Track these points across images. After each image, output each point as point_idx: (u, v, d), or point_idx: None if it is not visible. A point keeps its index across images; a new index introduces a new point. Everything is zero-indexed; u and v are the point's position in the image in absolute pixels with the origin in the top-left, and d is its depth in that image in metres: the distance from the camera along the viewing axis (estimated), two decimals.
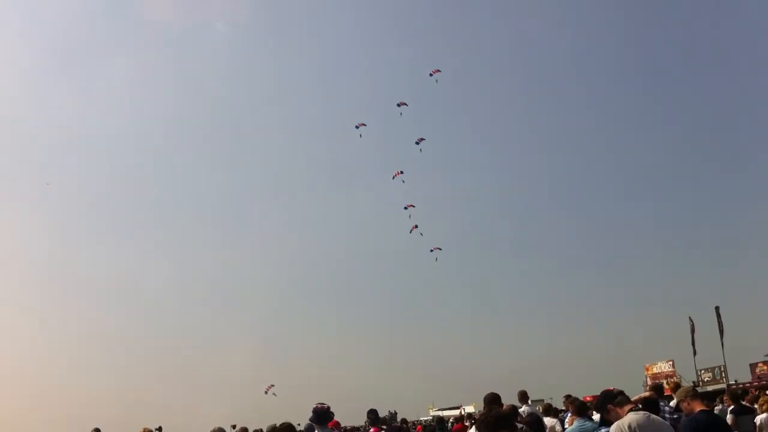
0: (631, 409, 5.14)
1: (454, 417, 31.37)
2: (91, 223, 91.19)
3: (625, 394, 5.47)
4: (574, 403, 9.49)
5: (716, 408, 12.21)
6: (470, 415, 24.64)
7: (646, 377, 42.89)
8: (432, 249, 42.25)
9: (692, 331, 41.94)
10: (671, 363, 44.68)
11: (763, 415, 10.74)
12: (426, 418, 46.18)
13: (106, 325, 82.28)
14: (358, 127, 37.88)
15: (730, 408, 10.90)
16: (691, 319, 42.49)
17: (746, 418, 10.42)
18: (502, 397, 7.46)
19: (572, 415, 9.69)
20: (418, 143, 38.17)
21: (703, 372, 42.23)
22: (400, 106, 37.37)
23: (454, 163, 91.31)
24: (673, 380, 36.98)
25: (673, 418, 7.68)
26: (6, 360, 74.83)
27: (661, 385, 11.65)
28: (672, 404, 9.63)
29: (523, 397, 12.21)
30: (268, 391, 40.10)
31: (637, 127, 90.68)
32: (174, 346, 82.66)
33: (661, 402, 8.72)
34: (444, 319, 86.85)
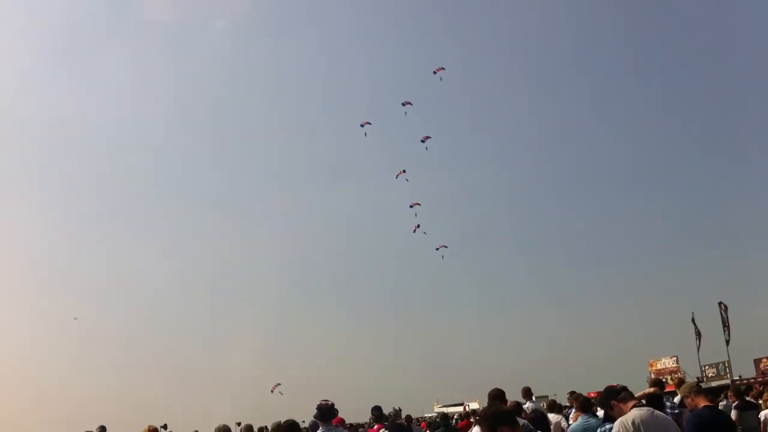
0: (635, 405, 5.15)
1: (459, 414, 31.43)
2: (91, 222, 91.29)
3: (628, 390, 5.48)
4: (579, 399, 9.51)
5: (720, 404, 12.20)
6: (474, 412, 24.66)
7: (650, 373, 42.82)
8: (438, 247, 42.05)
9: (696, 327, 41.92)
10: (675, 359, 44.66)
11: (767, 411, 10.74)
12: (431, 415, 46.24)
13: (107, 325, 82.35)
14: (363, 125, 37.65)
15: (734, 404, 10.89)
16: (694, 315, 42.49)
17: (750, 414, 10.42)
18: (507, 394, 7.48)
19: (576, 411, 9.71)
20: (423, 141, 37.92)
21: (707, 367, 42.17)
22: (405, 106, 36.97)
23: (458, 161, 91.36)
24: (677, 376, 36.95)
25: (674, 413, 7.70)
26: (6, 360, 75.03)
27: (662, 380, 11.66)
28: (676, 400, 9.66)
29: (527, 394, 12.24)
30: (274, 389, 40.20)
31: (640, 123, 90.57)
32: (175, 345, 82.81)
33: (665, 398, 8.74)
34: (448, 316, 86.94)
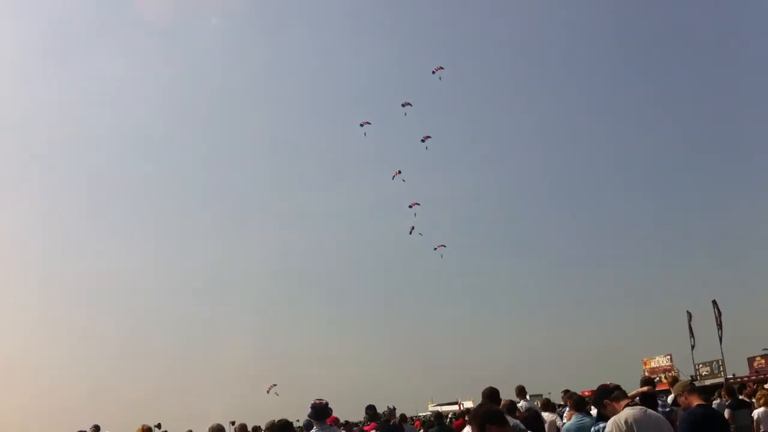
0: (628, 404, 5.16)
1: (454, 412, 31.47)
2: (86, 221, 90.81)
3: (621, 389, 5.49)
4: (573, 397, 9.52)
5: (714, 402, 12.25)
6: (469, 411, 24.70)
7: (644, 371, 42.97)
8: (436, 247, 41.87)
9: (690, 325, 42.03)
10: (669, 357, 44.82)
11: (761, 409, 10.78)
12: (425, 414, 46.29)
13: (101, 324, 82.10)
14: (362, 125, 37.31)
15: (727, 403, 10.94)
16: (688, 312, 42.62)
17: (743, 413, 10.47)
18: (502, 392, 7.49)
19: (570, 410, 9.73)
20: (423, 141, 37.51)
21: (701, 366, 42.32)
22: (404, 107, 36.50)
23: (453, 160, 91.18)
24: (671, 374, 37.09)
25: (665, 412, 7.72)
26: (5, 360, 74.76)
27: (653, 378, 11.72)
28: (669, 398, 9.69)
29: (521, 392, 12.26)
30: (270, 390, 40.15)
31: (635, 123, 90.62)
32: (170, 344, 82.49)
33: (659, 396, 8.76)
34: (442, 315, 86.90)
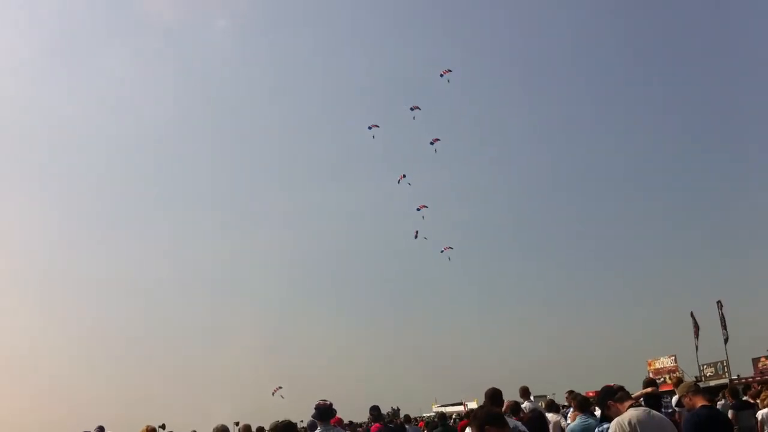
0: (632, 405, 5.16)
1: (458, 413, 31.46)
2: (91, 220, 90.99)
3: (625, 390, 5.49)
4: (577, 398, 9.52)
5: (718, 403, 12.22)
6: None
7: (648, 372, 42.86)
8: (443, 249, 41.97)
9: (694, 326, 41.92)
10: (673, 358, 44.67)
11: (765, 410, 10.74)
12: (429, 415, 46.27)
13: (107, 324, 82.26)
14: (371, 128, 37.41)
15: (730, 403, 10.92)
16: (693, 313, 42.52)
17: (746, 414, 10.44)
18: (505, 393, 7.50)
19: (575, 411, 9.72)
20: (432, 143, 37.41)
21: (706, 367, 42.21)
22: (413, 110, 36.54)
23: (458, 160, 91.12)
24: (675, 375, 36.99)
25: (668, 413, 7.72)
26: (5, 360, 74.90)
27: (655, 380, 11.72)
28: (674, 399, 9.68)
29: (525, 393, 12.26)
30: (275, 392, 40.22)
31: (641, 124, 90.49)
32: (174, 345, 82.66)
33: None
34: (447, 316, 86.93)
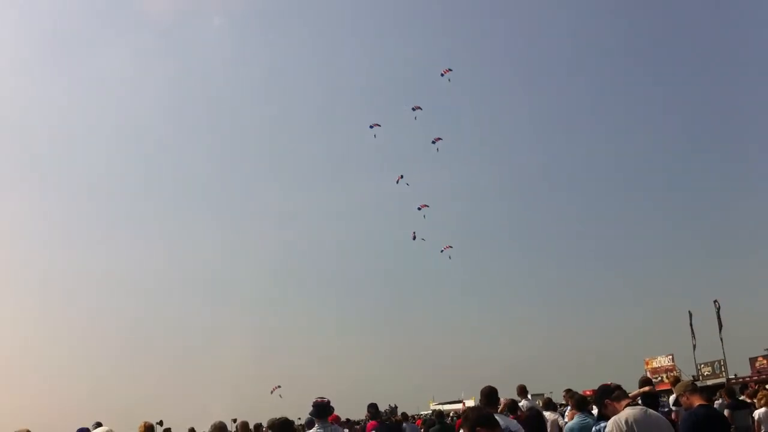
0: (628, 404, 5.16)
1: (455, 411, 31.48)
2: (90, 219, 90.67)
3: (622, 389, 5.50)
4: (574, 397, 9.54)
5: (716, 402, 12.25)
6: None
7: (646, 371, 42.94)
8: (443, 249, 42.05)
9: (692, 325, 42.03)
10: (671, 357, 44.77)
11: (762, 410, 10.78)
12: (426, 412, 46.31)
13: (105, 322, 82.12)
14: (372, 126, 37.44)
15: (727, 403, 10.94)
16: (690, 313, 42.59)
17: (742, 413, 10.47)
18: (503, 391, 7.50)
19: (572, 410, 9.74)
20: (434, 142, 37.39)
21: (703, 366, 42.30)
22: (414, 110, 36.65)
23: (458, 160, 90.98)
24: (672, 374, 37.06)
25: (664, 412, 7.73)
26: (3, 356, 74.72)
27: (651, 379, 11.73)
28: (671, 398, 9.70)
29: (522, 391, 12.29)
30: (274, 390, 40.29)
31: (637, 123, 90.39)
32: (172, 342, 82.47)
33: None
34: (445, 315, 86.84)
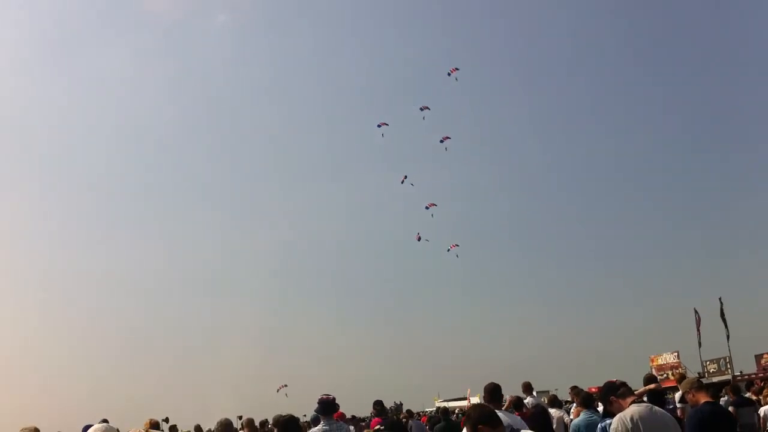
0: (634, 401, 5.17)
1: (460, 408, 31.49)
2: (91, 218, 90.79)
3: (627, 386, 5.50)
4: (580, 394, 9.56)
5: (721, 399, 12.23)
6: None
7: (651, 368, 42.87)
8: (449, 248, 42.20)
9: (697, 322, 41.89)
10: (676, 354, 44.64)
11: (767, 407, 10.77)
12: (431, 410, 46.37)
13: (108, 322, 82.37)
14: (380, 126, 37.58)
15: (731, 400, 10.91)
16: (696, 310, 42.48)
17: (746, 410, 10.45)
18: (508, 388, 7.55)
19: (577, 407, 9.75)
20: (442, 141, 37.50)
21: (709, 363, 42.18)
22: (422, 110, 36.76)
23: (459, 160, 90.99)
24: (678, 371, 37.04)
25: (669, 409, 7.74)
26: (6, 354, 74.99)
27: (656, 376, 11.72)
28: (677, 395, 9.69)
29: (528, 388, 12.32)
30: (280, 389, 40.44)
31: (640, 123, 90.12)
32: (177, 340, 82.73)
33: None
34: (450, 313, 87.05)
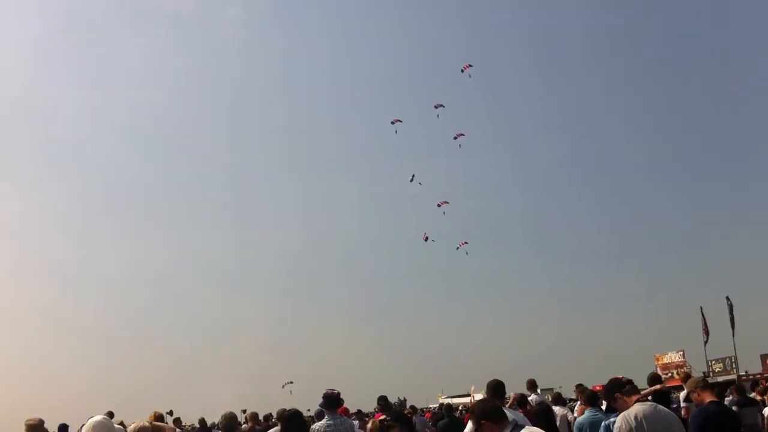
0: (638, 400, 5.15)
1: (464, 405, 31.49)
2: (96, 210, 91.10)
3: (633, 384, 5.48)
4: (585, 392, 9.56)
5: (726, 399, 12.21)
6: None
7: (656, 367, 42.80)
8: (458, 246, 42.27)
9: (703, 321, 41.79)
10: (682, 353, 44.54)
11: None
12: (434, 406, 46.44)
13: (114, 314, 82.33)
14: (393, 122, 37.49)
15: (735, 400, 10.89)
16: (702, 309, 42.36)
17: (750, 410, 10.42)
18: (513, 386, 7.57)
19: (582, 405, 9.76)
20: (456, 138, 37.53)
21: (714, 362, 42.07)
22: (437, 108, 36.53)
23: (471, 156, 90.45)
24: (683, 370, 36.95)
25: (673, 408, 7.73)
26: (12, 347, 75.29)
27: (660, 376, 11.71)
28: (682, 394, 9.68)
29: (532, 386, 12.34)
30: (285, 385, 40.62)
31: (648, 121, 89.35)
32: (181, 333, 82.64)
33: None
34: (455, 309, 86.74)
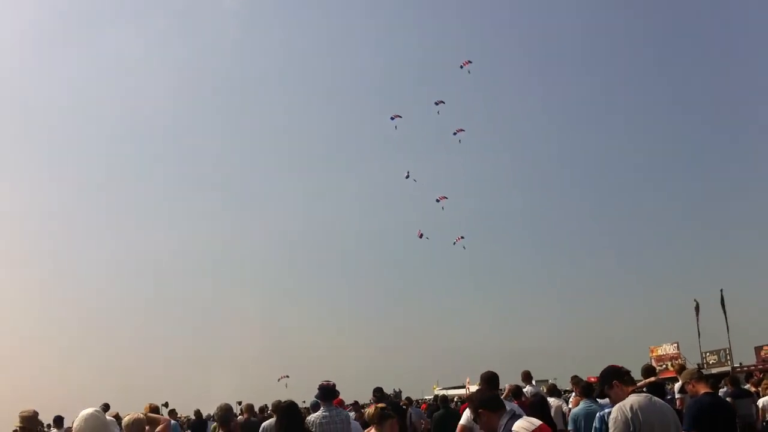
0: (634, 391, 5.16)
1: (459, 396, 31.60)
2: (98, 199, 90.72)
3: (631, 375, 5.49)
4: (580, 384, 9.58)
5: (720, 390, 12.27)
6: None
7: (651, 359, 42.98)
8: (455, 241, 42.30)
9: (697, 313, 41.95)
10: (676, 345, 44.71)
11: (766, 398, 10.79)
12: (429, 397, 46.58)
13: (111, 305, 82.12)
14: (393, 118, 37.60)
15: (729, 391, 10.94)
16: (696, 301, 42.51)
17: (744, 402, 10.48)
18: (508, 377, 7.57)
19: (577, 396, 9.78)
20: (455, 134, 37.91)
21: (708, 354, 42.27)
22: (437, 104, 36.94)
23: (471, 152, 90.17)
24: (678, 362, 37.09)
25: (667, 399, 7.75)
26: (10, 339, 75.15)
27: (654, 368, 11.73)
28: (677, 386, 9.72)
29: (527, 377, 12.36)
30: (281, 379, 40.65)
31: (649, 118, 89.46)
32: (178, 325, 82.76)
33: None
34: (451, 302, 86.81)
